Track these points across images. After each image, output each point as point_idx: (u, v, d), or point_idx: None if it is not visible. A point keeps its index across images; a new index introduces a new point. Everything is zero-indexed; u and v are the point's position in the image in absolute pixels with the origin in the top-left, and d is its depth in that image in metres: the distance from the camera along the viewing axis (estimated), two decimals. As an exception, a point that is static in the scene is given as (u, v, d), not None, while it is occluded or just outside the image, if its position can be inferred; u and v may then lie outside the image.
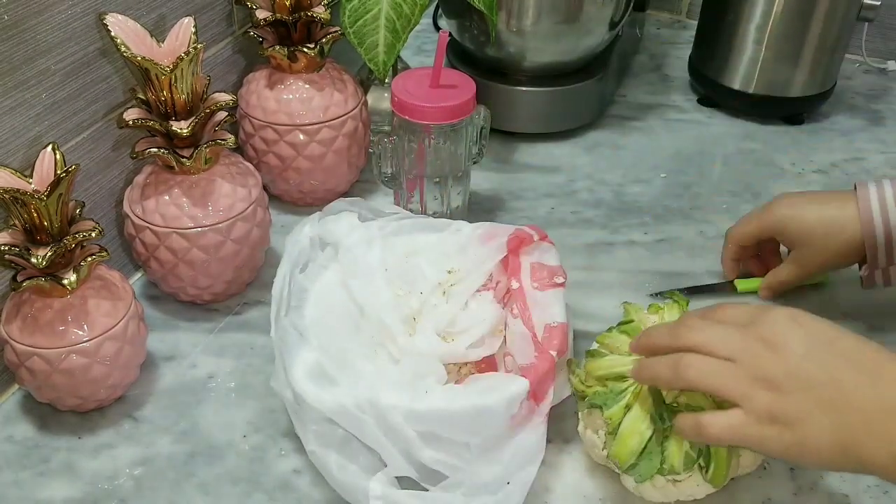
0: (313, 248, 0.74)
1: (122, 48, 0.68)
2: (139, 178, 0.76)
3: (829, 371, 0.52)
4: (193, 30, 0.72)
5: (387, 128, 0.96)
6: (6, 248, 0.62)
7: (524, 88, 1.00)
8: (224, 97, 0.74)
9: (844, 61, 1.07)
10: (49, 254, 0.62)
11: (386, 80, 0.89)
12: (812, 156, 1.03)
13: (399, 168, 0.85)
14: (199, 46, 0.70)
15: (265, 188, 0.82)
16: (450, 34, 0.87)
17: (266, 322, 0.69)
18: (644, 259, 0.87)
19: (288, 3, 0.82)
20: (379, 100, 1.00)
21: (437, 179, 0.85)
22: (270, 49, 0.84)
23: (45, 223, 0.63)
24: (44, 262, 0.62)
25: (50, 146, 0.65)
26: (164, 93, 0.70)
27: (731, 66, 1.06)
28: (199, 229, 0.74)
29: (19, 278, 0.64)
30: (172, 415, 0.71)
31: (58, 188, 0.62)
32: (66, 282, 0.64)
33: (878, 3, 0.99)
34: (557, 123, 1.03)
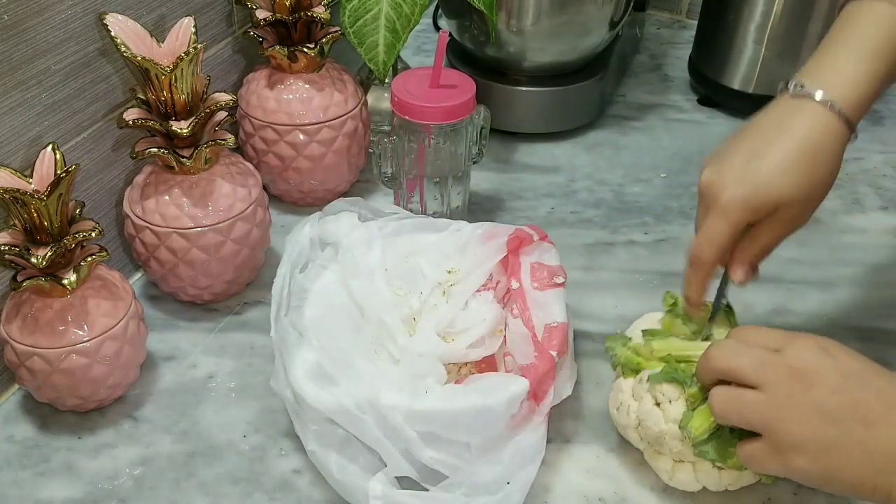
0: (313, 248, 0.74)
1: (122, 48, 0.68)
2: (139, 178, 0.76)
3: (859, 407, 0.52)
4: (193, 30, 0.72)
5: (387, 128, 0.97)
6: (6, 248, 0.62)
7: (524, 88, 1.00)
8: (224, 97, 0.74)
9: (844, 61, 1.07)
10: (49, 254, 0.62)
11: (386, 80, 0.89)
12: (812, 156, 1.03)
13: (399, 168, 0.85)
14: (199, 46, 0.70)
15: (265, 188, 0.82)
16: (450, 34, 0.87)
17: (266, 322, 0.69)
18: (644, 259, 0.87)
19: (288, 3, 0.82)
20: (379, 100, 1.00)
21: (437, 179, 0.85)
22: (270, 49, 0.84)
23: (45, 223, 0.63)
24: (44, 262, 0.62)
25: (50, 146, 0.65)
26: (164, 93, 0.70)
27: (731, 66, 1.06)
28: (199, 229, 0.74)
29: (19, 278, 0.64)
30: (172, 415, 0.71)
31: (58, 188, 0.62)
32: (66, 282, 0.64)
33: (878, 3, 0.99)
34: (557, 123, 1.03)
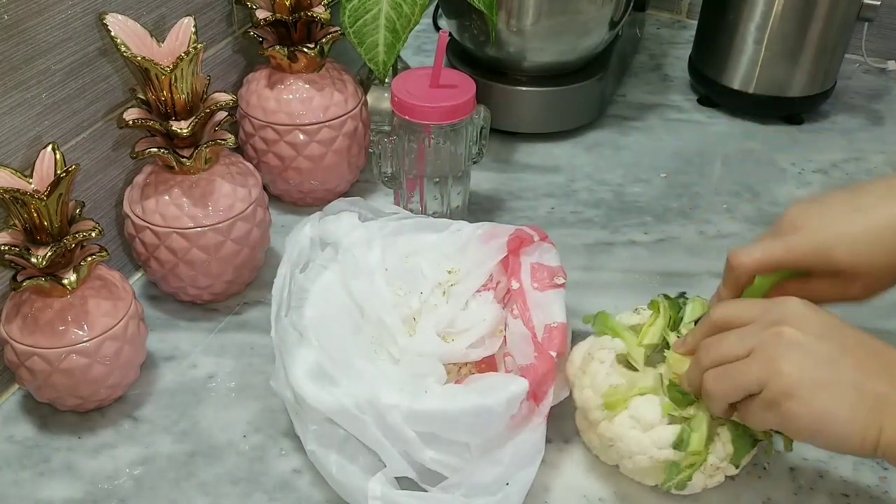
0: (313, 248, 0.74)
1: (122, 48, 0.68)
2: (139, 178, 0.76)
3: (845, 351, 0.53)
4: (193, 30, 0.72)
5: (387, 128, 0.96)
6: (6, 248, 0.62)
7: (524, 88, 1.00)
8: (224, 97, 0.74)
9: (844, 61, 1.07)
10: (49, 254, 0.62)
11: (386, 80, 0.89)
12: (812, 156, 1.03)
13: (399, 168, 0.85)
14: (199, 46, 0.70)
15: (265, 188, 0.82)
16: (450, 34, 0.87)
17: (266, 322, 0.69)
18: (644, 259, 0.87)
19: (288, 3, 0.82)
20: (379, 100, 1.00)
21: (437, 179, 0.85)
22: (270, 49, 0.84)
23: (45, 223, 0.63)
24: (44, 262, 0.62)
25: (50, 146, 0.65)
26: (164, 93, 0.70)
27: (731, 66, 1.06)
28: (199, 229, 0.74)
29: (19, 278, 0.64)
30: (172, 415, 0.71)
31: (58, 188, 0.62)
32: (66, 282, 0.64)
33: (878, 3, 0.99)
34: (557, 123, 1.03)
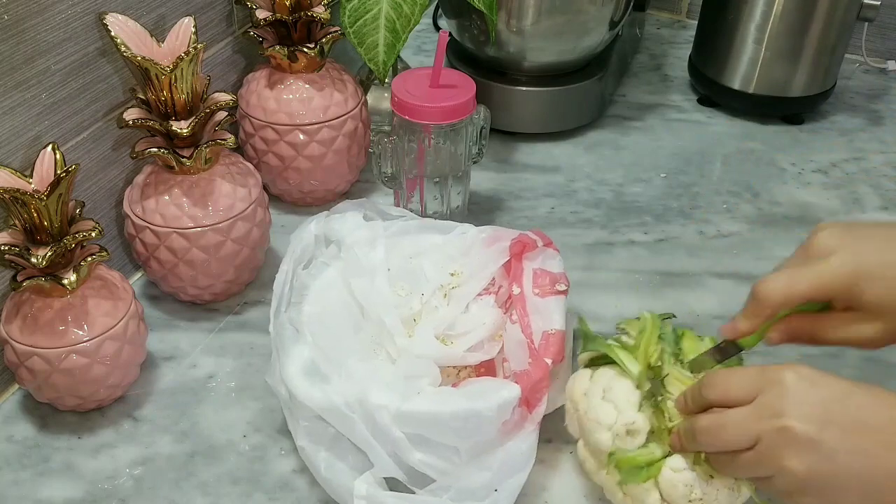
0: (318, 245, 0.74)
1: (122, 48, 0.68)
2: (139, 178, 0.76)
3: (854, 432, 0.50)
4: (193, 30, 0.72)
5: (387, 128, 0.96)
6: (6, 248, 0.62)
7: (524, 88, 1.00)
8: (224, 97, 0.74)
9: (844, 61, 1.07)
10: (49, 254, 0.62)
11: (386, 80, 0.89)
12: (812, 156, 1.03)
13: (399, 168, 0.85)
14: (199, 46, 0.70)
15: (265, 188, 0.82)
16: (450, 34, 0.87)
17: (266, 322, 0.69)
18: (644, 259, 0.87)
19: (288, 3, 0.82)
20: (379, 100, 1.00)
21: (437, 179, 0.85)
22: (270, 49, 0.84)
23: (45, 223, 0.63)
24: (44, 262, 0.62)
25: (50, 146, 0.65)
26: (164, 93, 0.70)
27: (731, 66, 1.06)
28: (199, 229, 0.74)
29: (19, 278, 0.64)
30: (172, 415, 0.71)
31: (58, 188, 0.62)
32: (66, 282, 0.64)
33: (878, 3, 0.99)
34: (557, 123, 1.03)
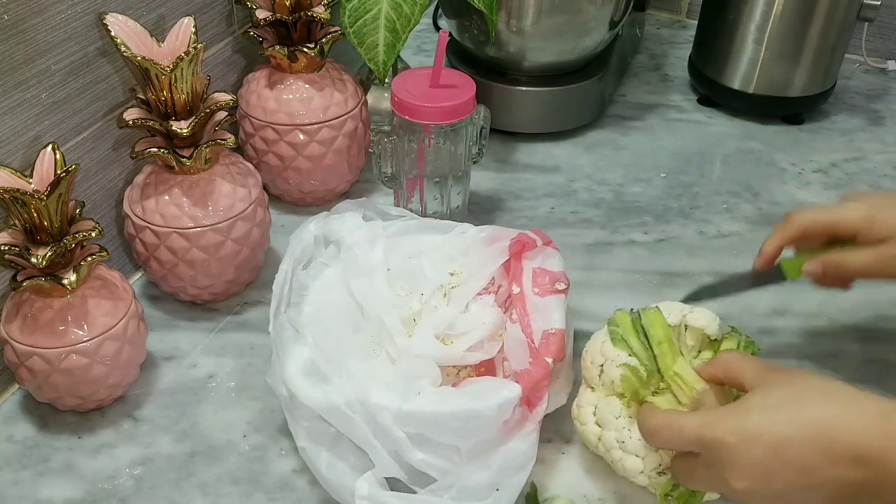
0: (317, 245, 0.74)
1: (122, 48, 0.68)
2: (139, 178, 0.76)
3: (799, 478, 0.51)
4: (193, 30, 0.72)
5: (387, 128, 0.96)
6: (6, 248, 0.62)
7: (524, 88, 1.00)
8: (224, 97, 0.74)
9: (844, 61, 1.07)
10: (49, 254, 0.62)
11: (386, 80, 0.89)
12: (812, 156, 1.03)
13: (399, 168, 0.85)
14: (199, 46, 0.70)
15: (265, 188, 0.82)
16: (450, 34, 0.87)
17: (266, 322, 0.69)
18: (644, 259, 0.87)
19: (288, 3, 0.82)
20: (379, 100, 1.00)
21: (437, 179, 0.86)
22: (270, 49, 0.84)
23: (45, 223, 0.63)
24: (44, 262, 0.62)
25: (50, 146, 0.65)
26: (164, 93, 0.70)
27: (731, 66, 1.06)
28: (199, 229, 0.74)
29: (19, 278, 0.64)
30: (172, 415, 0.71)
31: (58, 188, 0.62)
32: (66, 282, 0.64)
33: (878, 3, 0.99)
34: (557, 123, 1.03)
